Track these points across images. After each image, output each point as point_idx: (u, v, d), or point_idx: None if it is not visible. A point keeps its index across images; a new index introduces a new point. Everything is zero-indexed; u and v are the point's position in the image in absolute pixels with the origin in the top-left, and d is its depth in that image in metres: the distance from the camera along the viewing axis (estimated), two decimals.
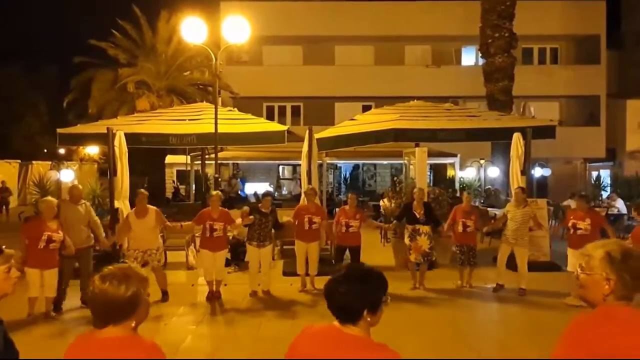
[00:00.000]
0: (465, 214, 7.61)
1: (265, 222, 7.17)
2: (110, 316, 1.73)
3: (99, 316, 1.75)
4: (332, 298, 1.82)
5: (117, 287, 1.71)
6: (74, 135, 10.28)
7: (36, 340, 5.45)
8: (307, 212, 7.40)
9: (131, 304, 1.73)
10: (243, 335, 5.68)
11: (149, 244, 6.83)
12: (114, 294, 1.70)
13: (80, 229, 6.63)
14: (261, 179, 21.30)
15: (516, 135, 9.08)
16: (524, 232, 7.37)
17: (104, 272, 1.77)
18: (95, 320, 1.75)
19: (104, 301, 1.71)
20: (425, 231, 7.56)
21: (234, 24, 8.73)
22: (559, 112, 21.05)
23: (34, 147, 30.57)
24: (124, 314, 1.73)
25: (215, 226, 6.88)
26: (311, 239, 7.47)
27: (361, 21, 19.93)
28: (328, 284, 1.85)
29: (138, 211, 6.90)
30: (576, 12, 19.92)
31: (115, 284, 1.71)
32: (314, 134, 9.20)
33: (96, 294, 1.72)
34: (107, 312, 1.73)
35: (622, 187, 15.87)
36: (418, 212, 7.61)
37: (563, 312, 6.43)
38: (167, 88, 18.31)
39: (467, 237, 7.64)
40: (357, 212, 7.54)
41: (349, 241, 7.49)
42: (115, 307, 1.71)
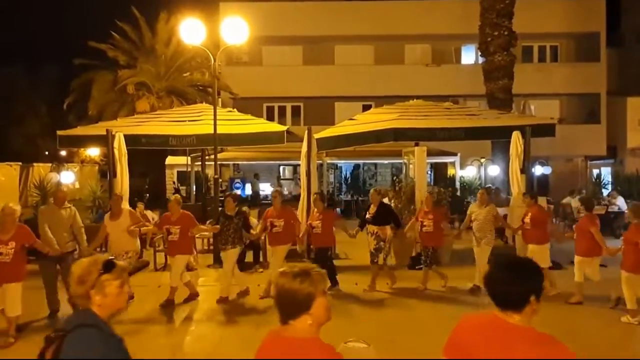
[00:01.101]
0: (425, 214, 7.55)
1: (228, 224, 6.95)
2: (287, 310, 1.82)
3: (280, 311, 1.85)
4: (497, 286, 1.85)
5: (291, 281, 1.80)
6: (73, 137, 10.31)
7: None
8: (270, 217, 7.26)
9: (305, 299, 1.79)
10: (243, 335, 5.69)
11: (125, 246, 6.68)
12: (289, 288, 1.80)
13: (61, 233, 6.33)
14: (262, 179, 21.28)
15: (515, 134, 9.08)
16: (488, 230, 7.45)
17: (285, 269, 1.88)
18: (279, 316, 1.86)
19: (282, 295, 1.81)
20: (372, 231, 7.48)
21: (233, 25, 8.75)
22: (560, 110, 21.02)
23: (34, 149, 30.61)
24: (298, 308, 1.79)
25: (171, 230, 6.72)
26: (275, 243, 7.29)
27: (361, 21, 19.92)
28: (490, 273, 1.89)
29: (112, 213, 6.80)
30: (576, 9, 19.88)
31: (290, 278, 1.82)
32: (313, 134, 9.21)
33: (276, 289, 1.84)
34: (285, 306, 1.82)
35: (623, 185, 15.83)
36: (369, 212, 7.59)
37: (563, 311, 6.44)
38: (166, 89, 18.33)
39: (425, 237, 7.53)
40: (321, 214, 7.38)
41: (314, 242, 7.42)
42: (289, 301, 1.80)
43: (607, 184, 17.29)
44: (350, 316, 6.20)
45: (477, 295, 7.19)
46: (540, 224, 7.13)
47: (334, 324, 1.80)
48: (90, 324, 1.94)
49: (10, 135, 29.88)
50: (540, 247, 7.06)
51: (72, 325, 1.93)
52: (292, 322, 1.80)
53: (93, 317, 1.98)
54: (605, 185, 17.05)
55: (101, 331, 1.95)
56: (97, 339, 1.91)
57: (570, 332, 5.35)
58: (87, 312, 1.99)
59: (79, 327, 1.91)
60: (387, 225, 7.55)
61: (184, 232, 6.77)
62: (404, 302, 6.95)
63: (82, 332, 1.90)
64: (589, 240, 6.55)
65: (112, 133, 8.73)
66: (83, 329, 1.91)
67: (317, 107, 20.55)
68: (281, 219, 7.18)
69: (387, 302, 6.99)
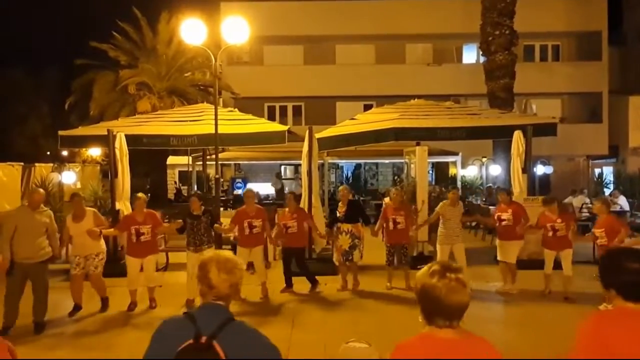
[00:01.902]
0: (395, 210, 7.48)
1: (197, 224, 6.79)
2: (456, 314, 1.78)
3: (451, 314, 1.78)
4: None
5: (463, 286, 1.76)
6: (75, 137, 10.32)
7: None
8: (247, 217, 7.09)
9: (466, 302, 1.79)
10: None
11: (89, 248, 6.46)
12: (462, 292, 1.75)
13: (32, 239, 5.76)
14: (264, 179, 21.30)
15: (517, 133, 9.07)
16: (458, 229, 7.57)
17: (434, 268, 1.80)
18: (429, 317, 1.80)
19: (459, 297, 1.75)
20: (346, 229, 7.43)
21: (234, 25, 8.73)
22: (561, 109, 20.99)
23: (36, 149, 30.68)
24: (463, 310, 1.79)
25: (142, 230, 6.55)
26: (253, 244, 7.16)
27: (362, 20, 19.91)
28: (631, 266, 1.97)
29: (75, 215, 6.51)
30: (577, 8, 19.84)
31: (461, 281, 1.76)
32: (314, 134, 9.20)
33: (450, 288, 1.75)
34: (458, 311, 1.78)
35: (625, 184, 15.82)
36: (339, 211, 7.54)
37: (563, 310, 6.43)
38: (168, 89, 18.34)
39: (398, 234, 7.48)
40: (294, 212, 7.36)
41: (290, 243, 7.36)
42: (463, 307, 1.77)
43: (609, 183, 17.27)
44: (351, 316, 6.19)
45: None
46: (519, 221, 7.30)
47: (334, 324, 1.79)
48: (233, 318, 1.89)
49: (12, 136, 29.97)
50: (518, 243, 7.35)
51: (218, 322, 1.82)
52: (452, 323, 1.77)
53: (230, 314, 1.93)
54: (607, 185, 17.04)
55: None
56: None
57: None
58: (225, 309, 1.93)
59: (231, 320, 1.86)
60: (358, 223, 7.53)
61: (154, 231, 6.69)
62: (404, 302, 6.94)
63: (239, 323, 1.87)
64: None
65: (114, 133, 8.74)
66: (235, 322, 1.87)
67: (318, 106, 20.55)
68: (259, 219, 7.12)
69: (388, 302, 6.98)
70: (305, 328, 5.84)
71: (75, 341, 5.66)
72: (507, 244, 7.33)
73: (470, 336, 1.81)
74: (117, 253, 8.75)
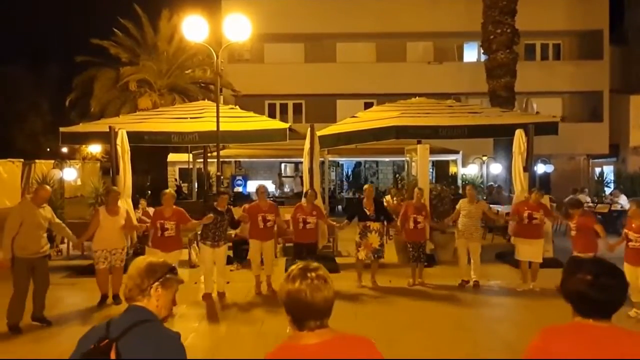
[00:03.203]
0: (416, 209, 7.55)
1: (221, 221, 6.94)
2: (326, 313, 1.74)
3: (313, 316, 1.73)
4: (610, 293, 1.75)
5: (328, 287, 1.74)
6: (76, 134, 10.33)
7: None
8: (260, 211, 7.20)
9: (332, 303, 1.76)
10: (245, 333, 5.70)
11: (115, 243, 6.68)
12: (327, 294, 1.72)
13: (39, 235, 5.85)
14: (264, 176, 21.30)
15: (518, 132, 9.07)
16: (477, 227, 7.62)
17: (304, 265, 1.77)
18: (305, 321, 1.73)
19: (323, 294, 1.71)
20: (376, 228, 7.49)
21: (235, 22, 8.73)
22: (562, 108, 20.97)
23: (37, 146, 30.69)
24: (328, 313, 1.75)
25: (167, 225, 6.66)
26: (266, 238, 7.27)
27: (362, 18, 19.88)
28: (600, 279, 1.77)
29: (110, 210, 6.67)
30: (579, 7, 19.81)
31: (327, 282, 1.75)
32: (315, 132, 9.20)
33: (313, 287, 1.71)
34: (319, 312, 1.73)
35: (625, 183, 15.81)
36: (368, 209, 7.55)
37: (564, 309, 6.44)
38: (168, 86, 18.34)
39: (417, 233, 7.54)
40: (313, 209, 7.39)
41: (305, 238, 7.37)
42: (327, 307, 1.72)
43: (609, 182, 17.26)
44: (352, 314, 6.20)
45: (464, 290, 7.38)
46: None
47: (335, 322, 1.79)
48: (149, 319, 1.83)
49: (13, 133, 29.97)
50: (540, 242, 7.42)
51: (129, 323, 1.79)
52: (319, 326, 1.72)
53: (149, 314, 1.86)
54: (608, 184, 17.02)
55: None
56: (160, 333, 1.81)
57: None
58: (143, 311, 1.85)
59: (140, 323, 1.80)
60: (383, 222, 7.63)
61: (179, 227, 6.79)
62: (405, 301, 6.95)
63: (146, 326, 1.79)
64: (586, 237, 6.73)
65: (115, 130, 8.74)
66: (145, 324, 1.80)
67: (319, 104, 20.54)
68: (272, 214, 7.24)
69: (389, 300, 6.99)
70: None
71: None
72: (532, 242, 7.30)
73: (346, 335, 1.73)
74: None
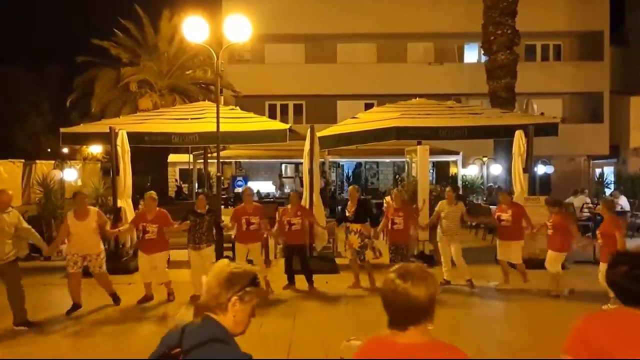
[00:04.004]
0: (395, 211, 7.49)
1: (200, 223, 6.88)
2: (410, 317, 1.67)
3: (398, 317, 1.69)
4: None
5: (418, 287, 1.65)
6: (76, 134, 10.34)
7: None
8: (245, 213, 7.19)
9: (430, 304, 1.67)
10: (245, 334, 5.70)
11: (89, 248, 6.41)
12: (416, 294, 1.65)
13: (2, 242, 5.66)
14: (264, 177, 21.32)
15: (518, 133, 9.07)
16: (457, 228, 7.66)
17: (401, 270, 1.71)
18: (393, 322, 1.71)
19: (405, 301, 1.65)
20: (355, 229, 7.47)
21: (236, 23, 8.73)
22: (562, 109, 20.97)
23: (37, 146, 30.70)
24: (423, 314, 1.67)
25: (149, 228, 6.61)
26: (250, 240, 7.24)
27: (363, 19, 19.89)
28: (634, 271, 1.96)
29: (78, 213, 6.43)
30: (579, 8, 19.82)
31: (416, 282, 1.66)
32: (315, 133, 9.21)
33: (398, 293, 1.66)
34: (408, 313, 1.67)
35: (626, 184, 15.81)
36: (349, 210, 7.57)
37: (563, 309, 6.44)
38: (169, 87, 18.36)
39: (396, 235, 7.45)
40: (298, 210, 7.40)
41: (293, 240, 7.39)
42: (416, 308, 1.66)
43: (609, 183, 17.26)
44: (352, 314, 6.21)
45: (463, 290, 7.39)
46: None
47: (335, 322, 1.79)
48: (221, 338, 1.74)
49: (14, 133, 29.98)
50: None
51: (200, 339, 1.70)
52: (412, 328, 1.67)
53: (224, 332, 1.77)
54: (608, 185, 17.02)
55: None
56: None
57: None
58: (213, 327, 1.76)
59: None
60: (367, 222, 7.56)
61: (161, 230, 6.72)
62: None
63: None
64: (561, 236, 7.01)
65: (116, 130, 8.75)
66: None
67: (320, 105, 20.55)
68: (256, 217, 7.20)
69: None
70: (306, 325, 5.85)
71: (97, 336, 5.68)
72: (507, 244, 7.45)
73: (438, 341, 1.74)
74: (119, 250, 8.77)
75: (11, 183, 20.12)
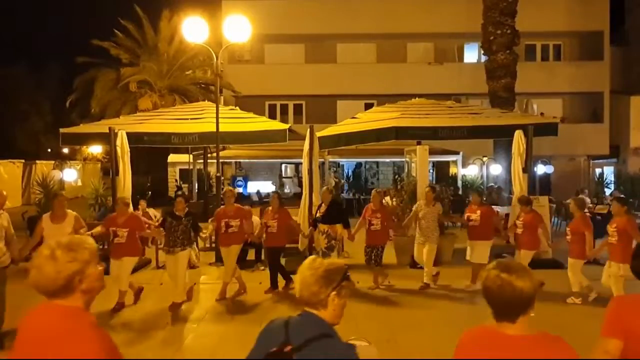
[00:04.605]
0: (373, 212, 7.47)
1: (177, 225, 6.59)
2: (518, 309, 1.73)
3: (506, 310, 1.75)
4: None
5: (523, 279, 1.73)
6: (76, 135, 10.33)
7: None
8: (225, 216, 6.99)
9: (534, 294, 1.74)
10: (244, 334, 5.70)
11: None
12: (522, 286, 1.71)
13: None
14: (264, 177, 21.33)
15: (517, 133, 9.06)
16: (435, 228, 7.58)
17: (501, 265, 1.77)
18: (500, 314, 1.77)
19: (512, 293, 1.71)
20: (323, 229, 7.45)
21: (235, 23, 8.74)
22: (562, 108, 20.97)
23: (37, 146, 30.75)
24: (529, 304, 1.74)
25: (119, 232, 6.34)
26: (227, 243, 7.04)
27: (363, 19, 19.91)
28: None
29: (55, 216, 6.05)
30: (579, 8, 19.82)
31: (520, 275, 1.73)
32: (315, 133, 9.21)
33: (504, 287, 1.72)
34: (515, 305, 1.73)
35: (626, 184, 15.83)
36: (320, 211, 7.56)
37: (563, 309, 6.44)
38: (169, 87, 18.38)
39: (373, 236, 7.41)
40: (276, 213, 7.32)
41: (271, 242, 7.33)
42: (523, 299, 1.72)
43: (609, 183, 17.27)
44: (351, 314, 6.20)
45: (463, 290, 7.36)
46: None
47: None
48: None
49: (14, 133, 30.01)
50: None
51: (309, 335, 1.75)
52: (520, 319, 1.75)
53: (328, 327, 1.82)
54: (608, 185, 17.03)
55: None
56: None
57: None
58: (322, 322, 1.82)
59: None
60: (337, 224, 7.50)
61: (132, 234, 6.46)
62: (404, 301, 6.95)
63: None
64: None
65: (115, 131, 8.75)
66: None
67: (319, 105, 20.56)
68: (236, 219, 7.02)
69: (388, 301, 7.00)
70: None
71: None
72: (475, 244, 7.44)
73: (545, 333, 1.80)
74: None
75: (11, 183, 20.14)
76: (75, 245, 1.73)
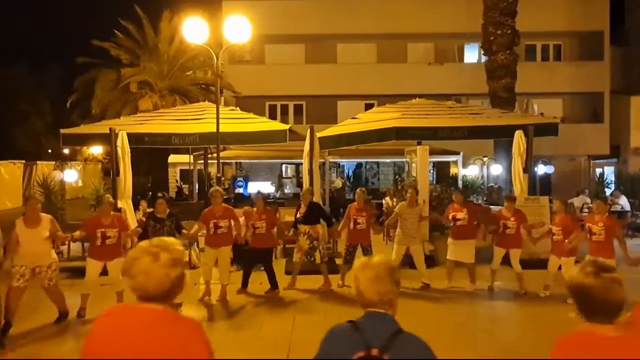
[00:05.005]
0: (358, 211, 7.47)
1: (160, 227, 6.57)
2: (616, 309, 1.76)
3: (604, 310, 1.76)
4: None
5: (619, 279, 1.75)
6: (77, 135, 10.35)
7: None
8: (213, 217, 6.91)
9: (625, 294, 1.77)
10: (244, 335, 5.70)
11: (40, 259, 5.65)
12: (618, 286, 1.74)
13: None
14: (265, 177, 21.32)
15: (518, 133, 9.08)
16: (417, 229, 7.60)
17: (595, 266, 1.78)
18: (597, 315, 1.77)
19: (610, 294, 1.74)
20: (304, 230, 7.43)
21: (236, 24, 8.75)
22: (563, 109, 20.96)
23: (38, 147, 30.77)
24: (624, 304, 1.77)
25: (109, 233, 6.11)
26: (218, 244, 6.94)
27: (363, 19, 19.91)
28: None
29: (28, 219, 5.65)
30: (579, 8, 19.82)
31: (616, 275, 1.76)
32: (315, 133, 9.21)
33: (603, 287, 1.74)
34: (614, 306, 1.75)
35: (626, 184, 15.80)
36: (300, 212, 7.54)
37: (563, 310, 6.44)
38: (169, 88, 18.38)
39: (357, 235, 7.41)
40: (262, 214, 7.30)
41: (257, 243, 7.29)
42: (620, 300, 1.75)
43: (610, 183, 17.24)
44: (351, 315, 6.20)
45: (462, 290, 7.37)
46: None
47: (334, 322, 1.80)
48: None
49: (14, 134, 30.04)
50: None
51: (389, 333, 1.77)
52: (617, 320, 1.77)
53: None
54: (609, 185, 17.01)
55: None
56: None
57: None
58: (391, 319, 1.86)
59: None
60: (317, 224, 7.50)
61: (120, 235, 6.28)
62: (403, 301, 6.92)
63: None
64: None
65: (116, 131, 8.76)
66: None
67: (320, 105, 20.57)
68: (225, 220, 6.96)
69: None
70: (306, 325, 5.83)
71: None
72: (461, 243, 7.40)
73: (631, 333, 1.79)
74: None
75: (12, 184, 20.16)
76: (172, 249, 1.75)
